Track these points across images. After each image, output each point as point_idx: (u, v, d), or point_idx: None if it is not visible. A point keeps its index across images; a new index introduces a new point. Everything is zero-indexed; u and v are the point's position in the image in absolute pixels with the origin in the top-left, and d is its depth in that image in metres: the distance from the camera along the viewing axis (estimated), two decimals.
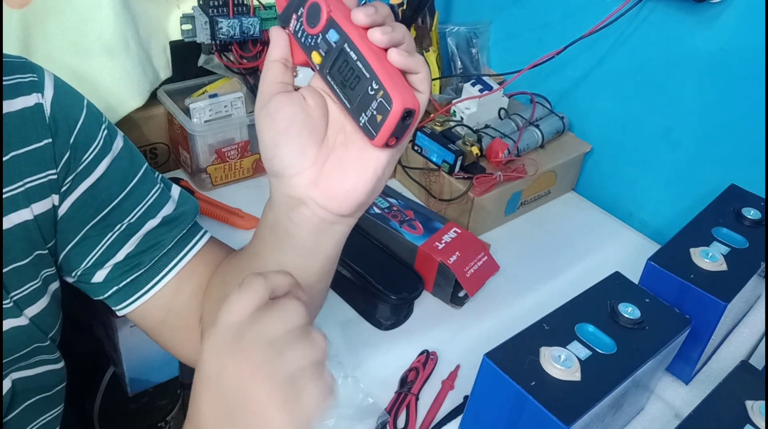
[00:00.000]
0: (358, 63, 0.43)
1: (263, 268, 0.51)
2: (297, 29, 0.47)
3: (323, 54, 0.45)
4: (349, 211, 0.47)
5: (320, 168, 0.47)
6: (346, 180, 0.46)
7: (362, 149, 0.46)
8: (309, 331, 0.43)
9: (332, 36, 0.44)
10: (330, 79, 0.45)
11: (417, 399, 0.67)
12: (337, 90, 0.45)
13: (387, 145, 0.43)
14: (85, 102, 0.57)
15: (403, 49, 0.44)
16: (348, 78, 0.44)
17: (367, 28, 0.43)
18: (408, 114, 0.42)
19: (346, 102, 0.44)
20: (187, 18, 0.91)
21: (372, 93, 0.42)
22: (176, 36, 0.94)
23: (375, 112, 0.42)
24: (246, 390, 0.39)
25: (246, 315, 0.41)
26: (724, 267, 0.67)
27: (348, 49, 0.43)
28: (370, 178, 0.46)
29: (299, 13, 0.46)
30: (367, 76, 0.43)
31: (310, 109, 0.47)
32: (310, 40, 0.46)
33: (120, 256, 0.58)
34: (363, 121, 0.43)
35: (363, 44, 0.43)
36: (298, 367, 0.40)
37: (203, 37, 0.90)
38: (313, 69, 0.47)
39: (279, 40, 0.48)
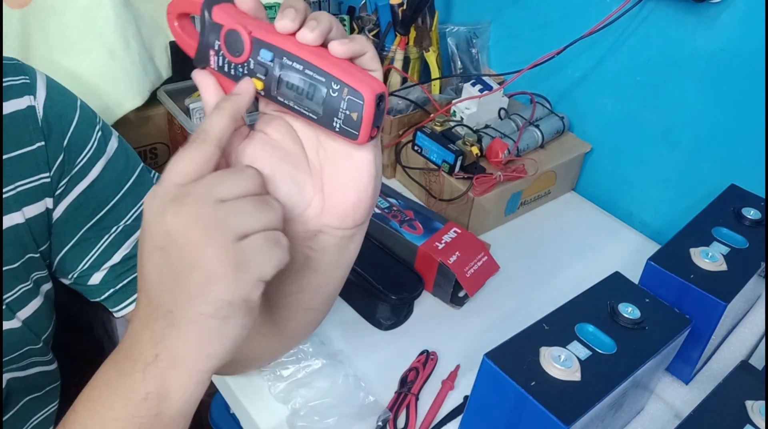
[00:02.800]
0: (307, 71, 0.40)
1: (282, 294, 0.51)
2: (221, 64, 0.43)
3: (263, 77, 0.42)
4: (363, 218, 0.47)
5: (321, 193, 0.45)
6: (348, 194, 0.45)
7: (349, 157, 0.44)
8: (265, 197, 0.40)
9: (265, 55, 0.41)
10: (282, 99, 0.42)
11: (417, 399, 0.67)
12: (295, 106, 0.42)
13: (371, 138, 0.42)
14: (79, 103, 0.56)
15: (338, 35, 0.42)
16: (302, 90, 0.41)
17: (294, 33, 0.41)
18: (380, 99, 0.40)
19: (310, 114, 0.42)
20: None
21: (335, 95, 0.40)
22: None
23: (348, 112, 0.40)
24: (194, 251, 0.37)
25: (194, 176, 0.39)
26: (724, 267, 0.67)
27: (289, 62, 0.41)
28: (368, 182, 0.45)
29: (216, 47, 0.43)
30: (323, 80, 0.40)
31: (280, 142, 0.45)
32: (241, 70, 0.43)
33: (116, 258, 0.58)
34: (338, 126, 0.41)
35: (301, 50, 0.40)
36: (251, 230, 0.38)
37: None
38: (257, 96, 0.44)
39: (207, 85, 0.45)
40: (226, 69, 0.43)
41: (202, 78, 0.45)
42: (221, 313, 0.38)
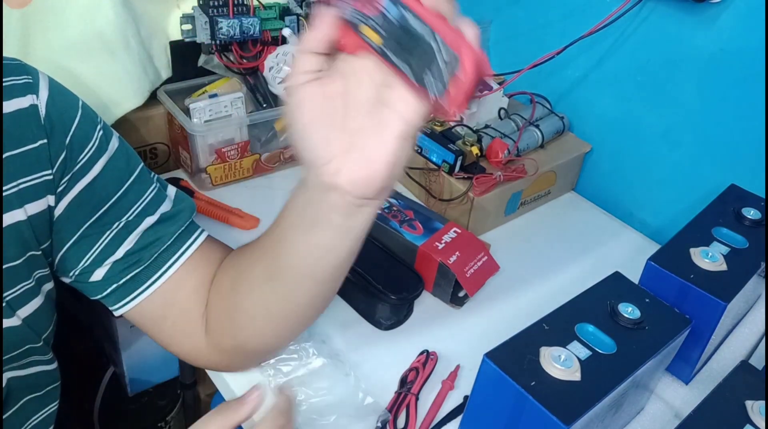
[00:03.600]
0: (419, 29, 0.42)
1: (293, 251, 0.53)
2: (348, 12, 0.45)
3: (382, 32, 0.43)
4: (373, 194, 0.48)
5: (344, 156, 0.47)
6: (366, 166, 0.47)
7: (379, 135, 0.46)
8: None
9: (391, 9, 0.43)
10: (392, 56, 0.44)
11: (417, 399, 0.67)
12: (398, 61, 0.43)
13: (459, 108, 0.43)
14: (80, 103, 0.57)
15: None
16: (410, 46, 0.42)
17: None
18: (479, 70, 0.41)
19: (410, 72, 0.43)
20: (187, 18, 0.91)
21: (438, 58, 0.41)
22: (176, 36, 0.94)
23: (444, 78, 0.41)
24: None
25: None
26: (724, 267, 0.67)
27: (406, 16, 0.42)
28: (387, 164, 0.46)
29: None
30: (431, 40, 0.41)
31: (333, 98, 0.47)
32: (365, 20, 0.45)
33: (119, 253, 0.58)
34: (433, 88, 0.42)
35: (421, 9, 0.42)
36: None
37: (203, 37, 0.90)
38: (368, 50, 0.45)
39: (323, 26, 0.46)
40: (351, 17, 0.45)
41: (325, 19, 0.46)
42: None
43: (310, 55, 0.46)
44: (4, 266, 0.53)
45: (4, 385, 0.58)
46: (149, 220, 0.59)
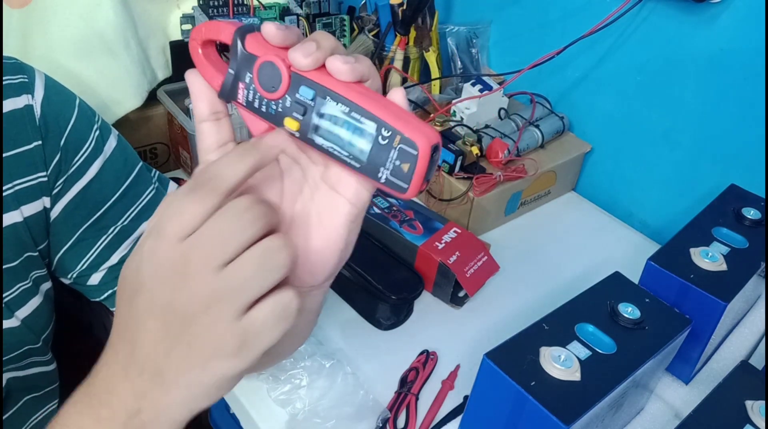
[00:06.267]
0: (353, 114, 0.36)
1: None
2: (251, 99, 0.39)
3: (300, 117, 0.38)
4: (320, 282, 0.44)
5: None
6: (312, 258, 0.42)
7: (320, 222, 0.41)
8: (270, 248, 0.35)
9: (305, 93, 0.37)
10: (320, 143, 0.38)
11: (417, 399, 0.67)
12: (335, 152, 0.38)
13: (419, 192, 0.37)
14: (77, 102, 0.56)
15: (375, 84, 0.38)
16: (346, 135, 0.37)
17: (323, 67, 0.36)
18: (435, 149, 0.36)
19: (352, 162, 0.37)
20: (187, 18, 0.91)
21: (385, 143, 0.36)
22: (176, 36, 0.94)
23: (398, 163, 0.36)
24: (197, 328, 0.35)
25: (195, 228, 0.35)
26: (724, 267, 0.67)
27: (333, 102, 0.36)
28: (336, 252, 0.42)
29: (248, 81, 0.38)
30: (372, 125, 0.36)
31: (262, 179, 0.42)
32: (274, 107, 0.38)
33: (114, 259, 0.58)
34: (384, 177, 0.37)
35: (348, 91, 0.36)
36: (257, 296, 0.35)
37: None
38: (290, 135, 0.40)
39: (200, 90, 0.40)
40: (256, 105, 0.39)
41: (194, 80, 0.40)
42: (219, 383, 0.37)
43: (206, 126, 0.41)
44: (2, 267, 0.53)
45: (4, 385, 0.58)
46: (145, 225, 0.59)
